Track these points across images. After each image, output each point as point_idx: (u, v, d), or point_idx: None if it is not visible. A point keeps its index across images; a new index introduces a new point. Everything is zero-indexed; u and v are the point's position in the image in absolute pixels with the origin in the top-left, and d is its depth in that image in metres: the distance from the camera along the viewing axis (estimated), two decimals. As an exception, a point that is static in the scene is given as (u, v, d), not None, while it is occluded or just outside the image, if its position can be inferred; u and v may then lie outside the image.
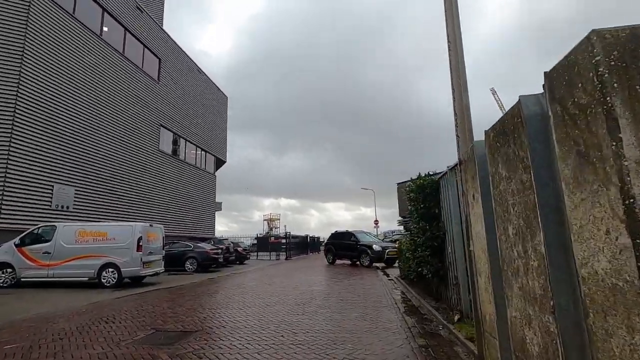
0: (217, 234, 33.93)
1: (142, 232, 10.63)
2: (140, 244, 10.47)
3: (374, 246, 16.94)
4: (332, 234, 20.81)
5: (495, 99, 60.55)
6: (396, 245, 17.51)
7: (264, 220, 71.42)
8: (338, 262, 19.48)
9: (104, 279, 10.22)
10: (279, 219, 71.64)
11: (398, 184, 45.88)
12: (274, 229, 68.67)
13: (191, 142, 25.44)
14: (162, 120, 21.74)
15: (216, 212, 31.19)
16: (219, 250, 17.03)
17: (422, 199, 6.49)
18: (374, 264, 17.00)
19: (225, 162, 32.27)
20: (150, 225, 11.41)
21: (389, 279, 11.35)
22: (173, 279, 12.65)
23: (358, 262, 17.37)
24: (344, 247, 18.63)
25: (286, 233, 29.71)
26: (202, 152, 27.42)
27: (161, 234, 11.94)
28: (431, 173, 6.75)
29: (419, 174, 7.09)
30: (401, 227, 45.12)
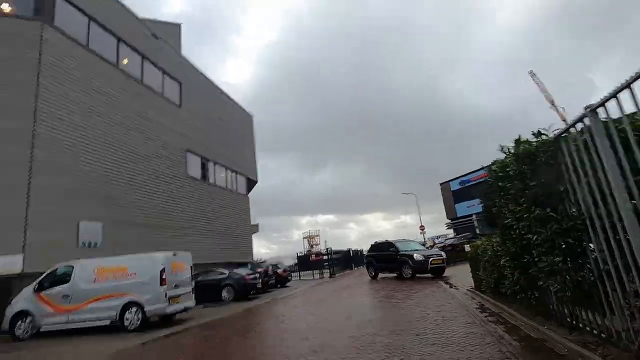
0: (259, 256, 32.78)
1: (165, 263, 9.36)
2: (164, 277, 9.17)
3: (414, 255, 14.91)
4: (372, 245, 18.96)
5: (535, 81, 56.34)
6: (441, 253, 15.34)
7: (304, 238, 69.90)
8: (381, 275, 17.59)
9: (126, 320, 8.97)
10: (319, 235, 69.88)
11: (441, 184, 43.10)
12: (314, 246, 67.09)
13: (220, 164, 24.68)
14: (187, 145, 21.09)
15: (254, 235, 30.14)
16: (257, 275, 15.57)
17: (531, 172, 4.47)
18: (425, 274, 14.97)
19: (256, 182, 31.36)
20: (174, 254, 10.14)
21: (459, 292, 9.23)
22: (208, 313, 11.27)
23: (402, 274, 15.45)
24: (384, 259, 16.75)
25: (327, 249, 27.93)
26: (232, 173, 26.61)
27: (189, 264, 10.65)
28: (542, 131, 4.58)
29: (519, 137, 4.91)
30: (450, 231, 41.97)
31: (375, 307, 8.94)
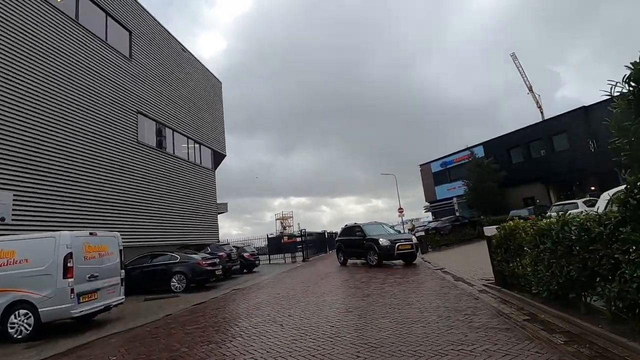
0: (228, 238, 30.07)
1: (73, 246, 6.61)
2: (70, 265, 6.46)
3: (380, 240, 13.05)
4: (342, 228, 17.08)
5: (516, 64, 55.65)
6: (411, 238, 13.55)
7: (276, 219, 67.66)
8: (350, 262, 15.74)
9: (11, 327, 6.26)
10: (292, 217, 67.82)
11: (421, 165, 41.53)
12: (287, 228, 64.91)
13: (180, 133, 21.49)
14: (139, 106, 17.81)
15: (224, 215, 27.40)
16: (216, 260, 13.01)
17: None
18: (396, 261, 13.41)
19: (224, 156, 28.34)
20: (91, 233, 7.39)
21: (476, 288, 7.13)
22: (144, 310, 8.67)
23: (368, 261, 13.71)
24: (351, 244, 14.92)
25: (301, 231, 25.69)
26: (196, 144, 23.50)
27: (115, 247, 7.90)
28: None
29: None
30: (428, 214, 40.78)
31: (369, 305, 6.69)
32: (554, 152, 26.30)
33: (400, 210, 36.17)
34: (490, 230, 6.62)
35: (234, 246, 18.85)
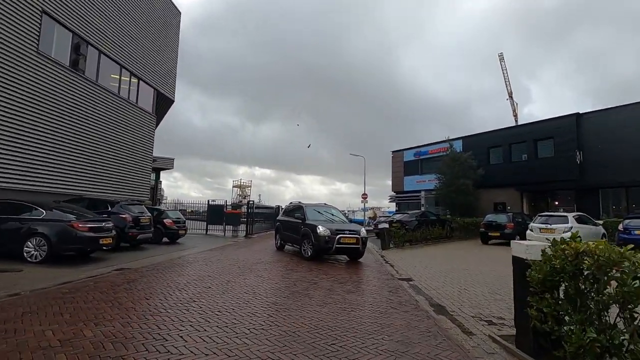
0: (186, 200, 26.20)
1: None
2: None
3: (318, 228, 10.08)
4: (286, 206, 14.17)
5: (502, 66, 54.15)
6: (359, 230, 10.42)
7: (234, 187, 63.40)
8: (288, 248, 12.91)
9: None
10: (250, 186, 63.79)
11: (393, 152, 38.88)
12: (246, 197, 60.92)
13: (111, 58, 16.88)
14: (46, 4, 13.11)
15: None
16: (107, 224, 9.30)
17: None
18: (340, 256, 9.96)
19: (173, 101, 23.85)
20: None
21: (481, 347, 4.16)
22: None
23: (302, 252, 10.97)
24: (289, 227, 12.06)
25: (249, 202, 22.23)
26: (133, 78, 18.94)
27: None
28: None
29: None
30: (392, 206, 38.61)
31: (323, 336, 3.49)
32: (536, 158, 24.39)
33: (364, 196, 33.56)
34: (521, 249, 3.69)
35: (154, 208, 15.06)
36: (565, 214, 14.65)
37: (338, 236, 9.92)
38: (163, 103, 23.01)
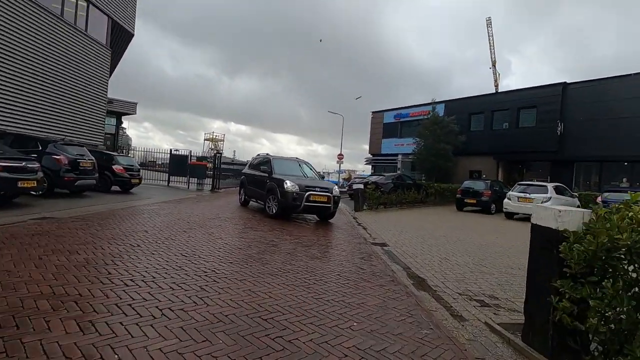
0: (141, 147, 24.25)
1: None
2: None
3: (286, 183, 8.89)
4: (253, 158, 12.72)
5: (488, 31, 52.43)
6: (331, 188, 9.31)
7: (205, 140, 60.42)
8: (252, 204, 11.66)
9: None
10: (223, 141, 61.05)
11: (373, 112, 37.50)
12: (218, 151, 58.37)
13: (50, -30, 14.02)
14: None
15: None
16: (31, 165, 7.67)
17: None
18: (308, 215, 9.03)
19: (132, 35, 21.02)
20: None
21: (480, 339, 3.23)
22: None
23: (266, 208, 9.73)
24: (254, 181, 10.84)
25: (216, 153, 20.63)
26: (82, 0, 16.12)
27: None
28: None
29: None
30: (367, 168, 37.84)
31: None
32: (517, 127, 23.82)
33: (340, 156, 32.50)
34: (549, 215, 2.69)
35: (102, 153, 13.26)
36: (545, 183, 14.17)
37: (307, 193, 8.77)
38: (121, 36, 20.20)
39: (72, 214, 7.27)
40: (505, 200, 14.36)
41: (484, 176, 24.31)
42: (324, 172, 46.90)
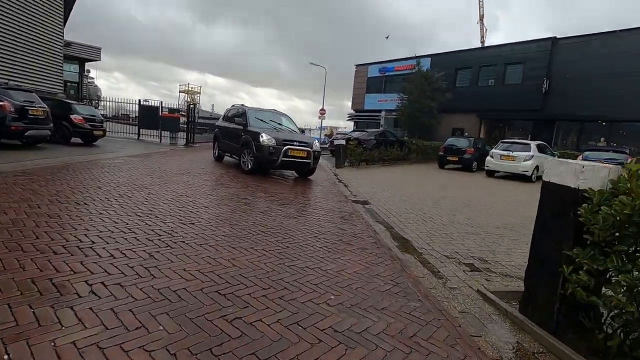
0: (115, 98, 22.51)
1: None
2: None
3: (262, 137, 8.16)
4: (227, 110, 11.59)
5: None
6: (311, 142, 8.67)
7: (181, 92, 57.25)
8: (227, 159, 10.85)
9: None
10: (200, 93, 58.07)
11: (357, 65, 35.95)
12: (195, 104, 55.64)
13: None
14: None
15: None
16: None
17: None
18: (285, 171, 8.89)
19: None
20: None
21: (474, 307, 2.86)
22: None
23: (241, 164, 9.03)
24: (228, 134, 10.06)
25: (189, 105, 19.31)
26: None
27: None
28: None
29: None
30: (350, 125, 36.94)
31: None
32: (503, 84, 23.31)
33: (322, 111, 31.42)
34: (568, 171, 2.29)
35: (58, 101, 11.96)
36: (528, 141, 13.97)
37: (285, 147, 8.12)
38: (74, -33, 17.71)
39: (19, 167, 6.41)
40: (488, 158, 14.16)
41: (466, 134, 24.09)
42: (306, 129, 45.43)
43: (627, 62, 18.03)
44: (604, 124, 19.69)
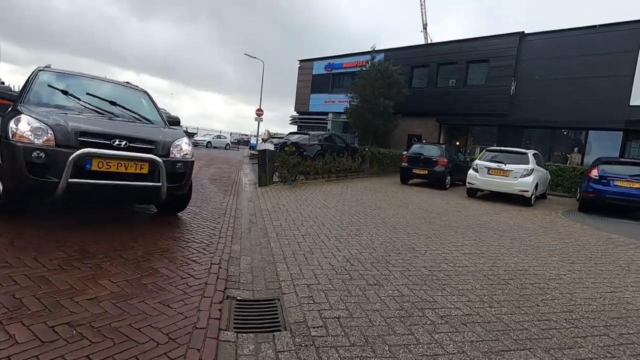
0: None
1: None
2: None
3: (17, 123, 3.32)
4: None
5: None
6: (170, 140, 4.55)
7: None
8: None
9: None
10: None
11: (301, 61, 31.57)
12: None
13: None
14: None
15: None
16: None
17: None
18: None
19: None
20: None
21: None
22: None
23: None
24: None
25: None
26: None
27: None
28: None
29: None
30: (294, 128, 32.40)
31: None
32: (465, 85, 20.40)
33: (259, 111, 26.58)
34: None
35: None
36: (524, 150, 10.44)
37: (82, 152, 3.26)
38: None
39: None
40: (470, 172, 10.42)
41: (424, 141, 20.76)
42: (251, 136, 39.02)
43: (608, 60, 15.74)
44: (582, 132, 17.33)
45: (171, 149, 3.90)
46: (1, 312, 2.03)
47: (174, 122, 5.42)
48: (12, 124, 3.19)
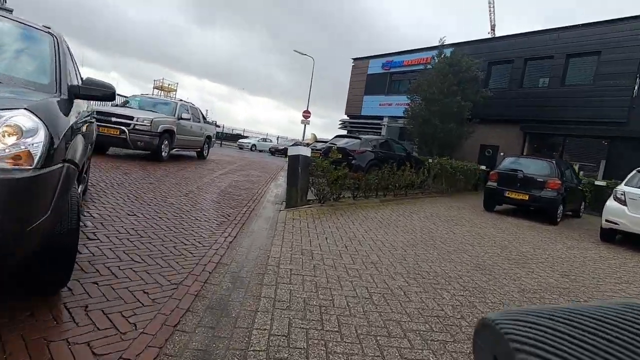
0: None
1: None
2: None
3: None
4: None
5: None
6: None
7: (155, 87, 49.92)
8: None
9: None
10: (176, 90, 50.75)
11: (355, 59, 28.62)
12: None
13: None
14: None
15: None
16: None
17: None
18: None
19: None
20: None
21: None
22: None
23: None
24: None
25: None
26: None
27: None
28: None
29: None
30: (343, 132, 29.43)
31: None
32: (563, 85, 16.12)
33: (307, 113, 24.05)
34: None
35: None
36: None
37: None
38: None
39: None
40: (612, 203, 6.69)
41: (501, 154, 16.70)
42: (301, 142, 36.96)
43: None
44: None
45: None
46: None
47: (98, 90, 2.73)
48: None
